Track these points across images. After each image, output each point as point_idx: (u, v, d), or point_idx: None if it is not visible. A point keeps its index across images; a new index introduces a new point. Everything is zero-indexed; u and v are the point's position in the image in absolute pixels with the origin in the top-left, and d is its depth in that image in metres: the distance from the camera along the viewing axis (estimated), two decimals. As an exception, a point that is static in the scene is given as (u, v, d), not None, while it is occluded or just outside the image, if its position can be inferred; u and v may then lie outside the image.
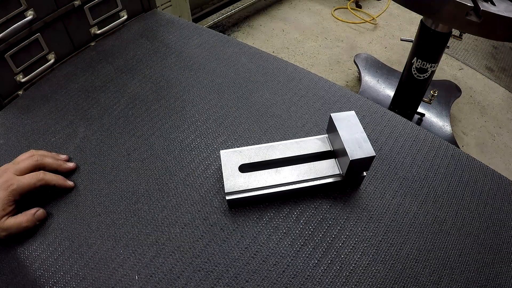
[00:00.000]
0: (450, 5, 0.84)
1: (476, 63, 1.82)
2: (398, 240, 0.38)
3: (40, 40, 0.54)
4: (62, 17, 0.56)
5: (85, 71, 0.57)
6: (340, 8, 2.11)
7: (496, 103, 1.62)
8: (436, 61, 1.13)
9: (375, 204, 0.41)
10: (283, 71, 0.58)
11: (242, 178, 0.39)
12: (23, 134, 0.48)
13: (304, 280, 0.35)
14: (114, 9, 0.63)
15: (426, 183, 0.44)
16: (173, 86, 0.55)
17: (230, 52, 0.61)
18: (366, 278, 0.35)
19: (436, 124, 1.39)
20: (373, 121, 0.50)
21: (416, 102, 1.29)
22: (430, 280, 0.36)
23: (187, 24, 0.67)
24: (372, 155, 0.36)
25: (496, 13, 0.80)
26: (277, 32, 1.92)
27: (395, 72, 1.59)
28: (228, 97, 0.53)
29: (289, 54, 1.78)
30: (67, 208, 0.40)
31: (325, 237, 0.38)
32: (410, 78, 1.19)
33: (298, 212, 0.40)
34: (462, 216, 0.41)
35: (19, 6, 0.49)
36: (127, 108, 0.51)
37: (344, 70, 1.73)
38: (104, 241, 0.37)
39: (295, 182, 0.39)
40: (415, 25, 1.41)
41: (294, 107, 0.52)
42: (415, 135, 0.49)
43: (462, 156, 0.47)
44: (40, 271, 0.35)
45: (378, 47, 1.88)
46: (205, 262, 0.36)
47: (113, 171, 0.43)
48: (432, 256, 0.37)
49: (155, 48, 0.61)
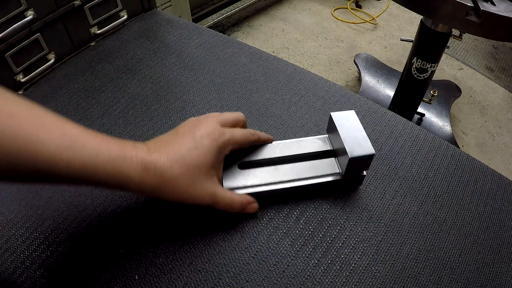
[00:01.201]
0: (450, 5, 0.84)
1: (476, 63, 1.82)
2: (398, 240, 0.38)
3: (40, 40, 0.54)
4: (62, 17, 0.56)
5: (85, 71, 0.57)
6: (340, 8, 2.11)
7: (496, 103, 1.62)
8: (436, 61, 1.13)
9: (375, 204, 0.41)
10: (283, 71, 0.58)
11: (241, 176, 0.39)
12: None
13: (304, 280, 0.35)
14: (114, 9, 0.63)
15: (426, 183, 0.44)
16: (173, 86, 0.55)
17: (230, 52, 0.61)
18: (366, 278, 0.35)
19: (436, 124, 1.39)
20: (373, 121, 0.50)
21: (416, 102, 1.29)
22: (430, 280, 0.36)
23: (187, 24, 0.67)
24: (371, 153, 0.36)
25: (496, 13, 0.80)
26: (277, 32, 1.92)
27: (395, 72, 1.59)
28: (228, 97, 0.53)
29: (289, 54, 1.78)
30: (68, 208, 0.40)
31: (325, 237, 0.38)
32: (410, 78, 1.19)
33: (298, 212, 0.40)
34: (462, 216, 0.41)
35: (19, 6, 0.49)
36: (127, 108, 0.51)
37: (344, 70, 1.73)
38: (105, 242, 0.37)
39: (294, 180, 0.39)
40: (415, 25, 1.41)
41: (294, 107, 0.52)
42: (415, 135, 0.49)
43: (462, 156, 0.47)
44: (40, 271, 0.35)
45: (378, 47, 1.88)
46: (205, 262, 0.36)
47: (113, 171, 0.43)
48: (432, 256, 0.37)
49: (155, 48, 0.61)
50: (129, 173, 0.29)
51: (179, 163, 0.31)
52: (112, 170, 0.29)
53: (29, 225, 0.38)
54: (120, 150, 0.30)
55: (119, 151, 0.30)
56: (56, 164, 0.27)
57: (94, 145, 0.29)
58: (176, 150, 0.32)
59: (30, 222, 0.39)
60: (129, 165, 0.29)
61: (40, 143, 0.27)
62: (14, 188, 0.41)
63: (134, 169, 0.29)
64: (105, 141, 0.30)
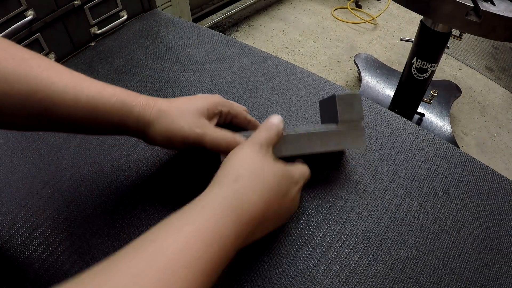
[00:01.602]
0: (450, 5, 0.84)
1: (476, 63, 1.82)
2: (398, 240, 0.38)
3: (40, 40, 0.54)
4: (62, 17, 0.56)
5: (85, 71, 0.57)
6: (340, 8, 2.12)
7: (496, 103, 1.62)
8: (436, 61, 1.13)
9: (375, 204, 0.41)
10: (283, 71, 0.58)
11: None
12: (23, 134, 0.48)
13: (304, 280, 0.35)
14: (114, 9, 0.63)
15: (426, 183, 0.44)
16: (173, 86, 0.55)
17: (230, 52, 0.61)
18: (366, 278, 0.35)
19: (436, 124, 1.39)
20: (373, 121, 0.50)
21: (416, 102, 1.29)
22: (430, 280, 0.36)
23: (187, 24, 0.67)
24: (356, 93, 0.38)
25: (496, 13, 0.80)
26: (277, 32, 1.92)
27: (395, 72, 1.59)
28: (228, 97, 0.53)
29: (289, 54, 1.78)
30: (68, 208, 0.40)
31: (325, 237, 0.38)
32: (410, 78, 1.19)
33: (298, 212, 0.40)
34: (462, 216, 0.41)
35: (19, 6, 0.49)
36: (127, 108, 0.51)
37: (344, 70, 1.73)
38: (105, 242, 0.37)
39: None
40: (415, 25, 1.41)
41: (294, 107, 0.52)
42: (415, 135, 0.49)
43: (462, 156, 0.47)
44: (40, 271, 0.35)
45: (378, 47, 1.88)
46: (205, 262, 0.36)
47: (114, 172, 0.43)
48: (432, 256, 0.37)
49: (155, 48, 0.61)
50: (132, 104, 0.33)
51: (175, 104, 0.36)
52: (116, 101, 0.32)
53: (29, 225, 0.38)
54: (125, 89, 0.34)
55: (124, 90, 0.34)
56: (64, 101, 0.30)
57: (100, 84, 0.33)
58: (176, 100, 0.37)
59: (30, 222, 0.39)
60: (133, 98, 0.34)
61: (50, 82, 0.30)
62: (14, 188, 0.41)
63: (137, 102, 0.33)
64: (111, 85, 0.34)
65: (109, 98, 0.32)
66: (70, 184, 0.42)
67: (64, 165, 0.44)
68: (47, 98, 0.29)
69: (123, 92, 0.34)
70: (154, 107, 0.34)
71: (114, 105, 0.32)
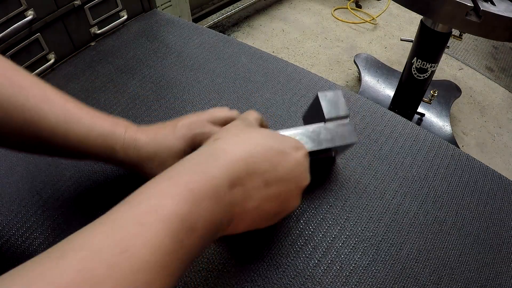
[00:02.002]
0: (450, 5, 0.84)
1: (476, 63, 1.82)
2: (398, 240, 0.38)
3: (40, 40, 0.54)
4: (62, 17, 0.56)
5: (85, 71, 0.57)
6: (340, 8, 2.12)
7: (496, 103, 1.62)
8: (436, 61, 1.13)
9: (375, 204, 0.41)
10: (283, 71, 0.58)
11: None
12: (23, 134, 0.48)
13: (304, 280, 0.35)
14: (114, 9, 0.63)
15: (426, 183, 0.44)
16: (173, 86, 0.55)
17: (230, 52, 0.61)
18: (366, 278, 0.35)
19: (436, 124, 1.39)
20: (373, 121, 0.50)
21: (416, 102, 1.29)
22: (430, 280, 0.36)
23: (187, 24, 0.67)
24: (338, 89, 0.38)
25: (496, 13, 0.80)
26: (277, 32, 1.92)
27: (395, 72, 1.59)
28: (228, 97, 0.53)
29: (289, 54, 1.78)
30: (70, 208, 0.40)
31: (325, 237, 0.38)
32: (410, 78, 1.19)
33: (298, 212, 0.40)
34: (462, 216, 0.41)
35: (19, 6, 0.49)
36: (127, 108, 0.51)
37: (344, 70, 1.73)
38: (104, 241, 0.37)
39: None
40: (415, 25, 1.41)
41: (294, 107, 0.52)
42: (415, 135, 0.49)
43: (462, 156, 0.47)
44: (40, 271, 0.35)
45: (378, 47, 1.88)
46: (205, 262, 0.36)
47: (115, 171, 0.43)
48: (432, 256, 0.37)
49: (155, 48, 0.61)
50: (116, 148, 0.33)
51: (155, 143, 0.34)
52: (102, 144, 0.33)
53: (29, 225, 0.38)
54: (112, 127, 0.33)
55: (111, 128, 0.33)
56: (55, 135, 0.31)
57: (89, 121, 0.33)
58: (157, 133, 0.35)
59: (30, 222, 0.39)
60: (117, 141, 0.33)
61: (42, 115, 0.30)
62: (14, 188, 0.41)
63: (120, 145, 0.33)
64: (100, 118, 0.34)
65: (95, 139, 0.32)
66: (70, 184, 0.42)
67: (64, 165, 0.44)
68: (40, 132, 0.31)
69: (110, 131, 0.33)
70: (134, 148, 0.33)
71: (100, 147, 0.33)
